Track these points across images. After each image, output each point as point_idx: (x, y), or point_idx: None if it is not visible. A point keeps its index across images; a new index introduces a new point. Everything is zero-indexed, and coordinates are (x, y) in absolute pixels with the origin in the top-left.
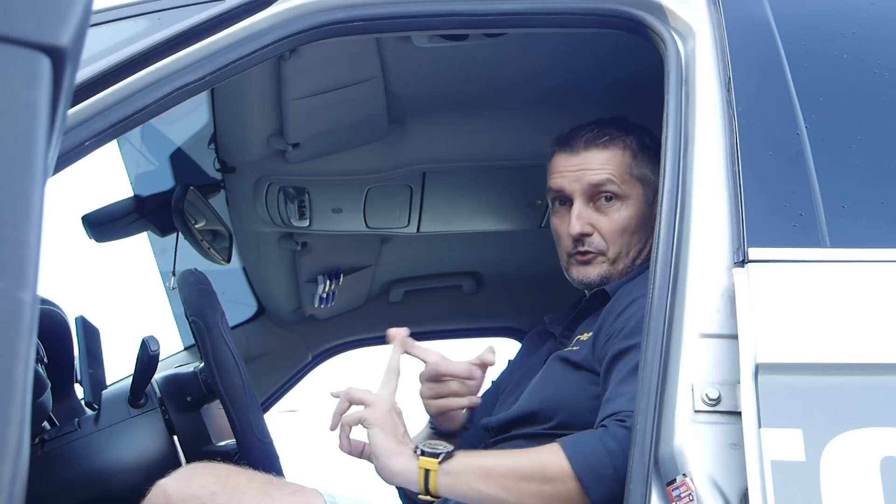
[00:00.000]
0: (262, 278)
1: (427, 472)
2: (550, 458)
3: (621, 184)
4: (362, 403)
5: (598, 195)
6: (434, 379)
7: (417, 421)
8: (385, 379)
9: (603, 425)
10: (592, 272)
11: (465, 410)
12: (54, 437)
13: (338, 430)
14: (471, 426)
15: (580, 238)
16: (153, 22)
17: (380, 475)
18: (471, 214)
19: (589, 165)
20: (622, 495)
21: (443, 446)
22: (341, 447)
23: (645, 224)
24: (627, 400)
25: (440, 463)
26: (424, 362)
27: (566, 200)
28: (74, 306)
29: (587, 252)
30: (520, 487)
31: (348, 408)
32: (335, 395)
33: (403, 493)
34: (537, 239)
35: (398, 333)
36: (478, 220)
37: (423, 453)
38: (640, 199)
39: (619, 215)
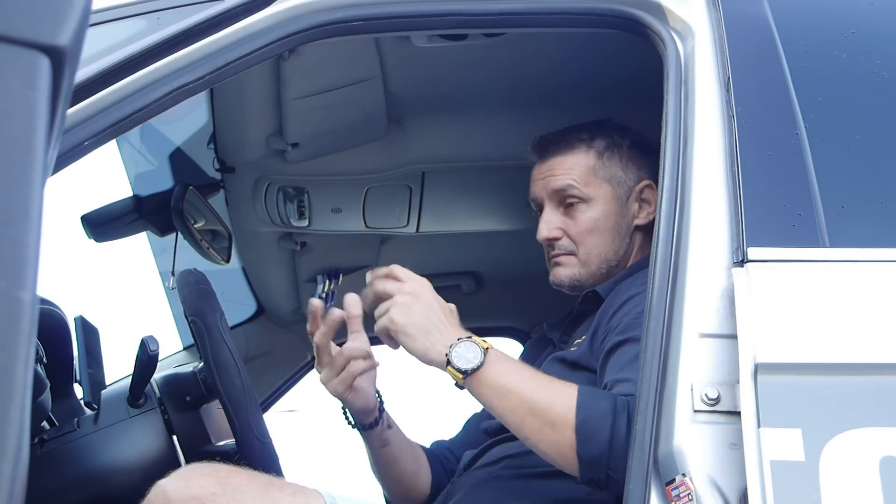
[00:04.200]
0: (262, 278)
1: (455, 377)
2: (561, 402)
3: (584, 186)
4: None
5: (564, 199)
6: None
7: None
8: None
9: (624, 398)
10: (562, 273)
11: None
12: (53, 437)
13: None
14: (378, 423)
15: (550, 242)
16: (152, 22)
17: None
18: (470, 214)
19: (553, 171)
20: (606, 467)
21: (472, 354)
22: (392, 347)
23: (618, 223)
24: (632, 385)
25: (464, 378)
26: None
27: (540, 207)
28: (74, 306)
29: (559, 253)
30: (524, 420)
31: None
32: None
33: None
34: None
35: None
36: (477, 220)
37: (449, 364)
38: (608, 199)
39: (585, 217)
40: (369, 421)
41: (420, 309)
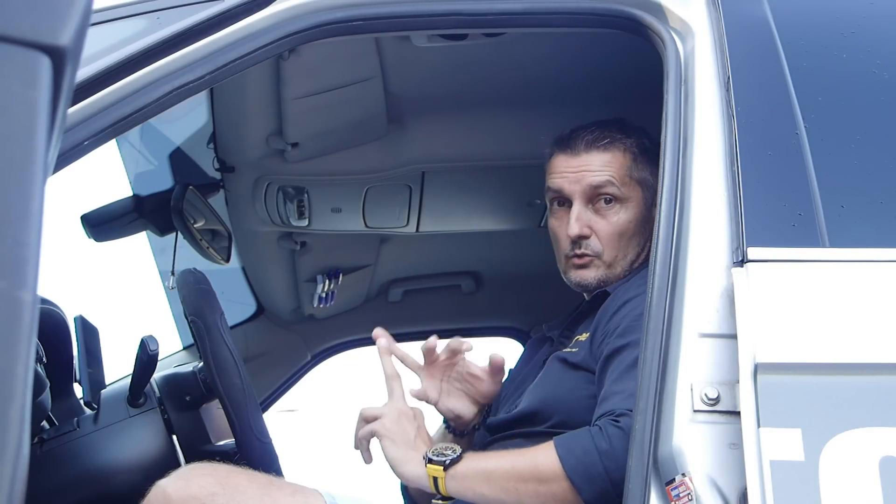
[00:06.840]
0: (262, 278)
1: (436, 478)
2: (544, 458)
3: (621, 186)
4: (374, 418)
5: (597, 197)
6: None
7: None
8: (388, 388)
9: (597, 425)
10: (589, 275)
11: (475, 414)
12: (53, 437)
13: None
14: (481, 427)
15: (577, 240)
16: (152, 21)
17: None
18: (470, 214)
19: (589, 167)
20: (614, 494)
21: (451, 451)
22: (365, 461)
23: (643, 228)
24: (622, 398)
25: (445, 470)
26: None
27: (565, 202)
28: (74, 306)
29: (584, 255)
30: (517, 488)
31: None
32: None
33: (407, 492)
34: (536, 238)
35: (379, 337)
36: (477, 220)
37: (430, 461)
38: (639, 202)
39: (618, 218)
40: (462, 429)
41: (406, 426)
